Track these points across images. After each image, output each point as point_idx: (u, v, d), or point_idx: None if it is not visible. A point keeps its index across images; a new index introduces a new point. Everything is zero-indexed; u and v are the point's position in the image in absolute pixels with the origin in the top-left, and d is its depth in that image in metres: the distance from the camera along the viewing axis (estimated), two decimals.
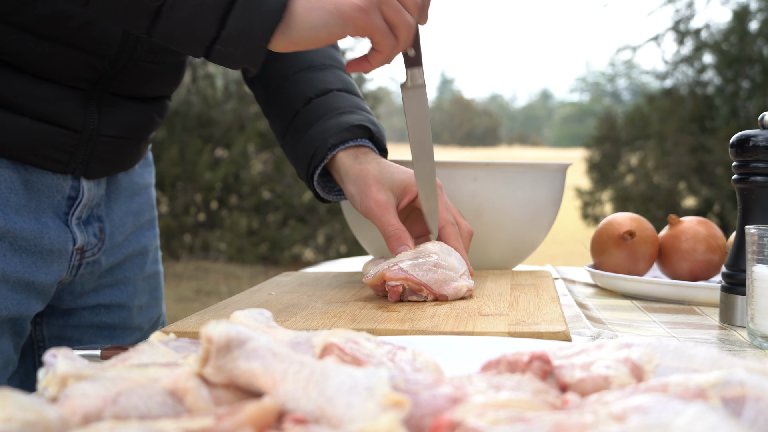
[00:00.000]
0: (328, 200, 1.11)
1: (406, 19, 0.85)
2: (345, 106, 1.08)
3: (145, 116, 1.07)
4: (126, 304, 1.14)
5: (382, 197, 0.99)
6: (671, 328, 0.90)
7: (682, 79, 10.38)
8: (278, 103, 1.12)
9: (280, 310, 0.87)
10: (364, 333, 0.55)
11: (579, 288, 1.20)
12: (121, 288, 1.14)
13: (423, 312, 0.84)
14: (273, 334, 0.56)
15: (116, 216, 1.11)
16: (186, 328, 0.78)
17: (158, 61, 1.03)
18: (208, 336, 0.45)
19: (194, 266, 7.87)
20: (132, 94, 1.04)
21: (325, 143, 1.04)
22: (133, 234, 1.15)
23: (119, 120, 1.03)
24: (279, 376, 0.44)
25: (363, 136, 1.06)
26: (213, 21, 0.78)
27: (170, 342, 0.55)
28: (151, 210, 1.20)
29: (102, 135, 1.01)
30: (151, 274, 1.20)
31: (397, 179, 1.01)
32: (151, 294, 1.19)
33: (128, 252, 1.14)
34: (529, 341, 0.67)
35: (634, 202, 9.96)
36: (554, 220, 1.26)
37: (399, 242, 0.97)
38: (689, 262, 1.16)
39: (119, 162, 1.07)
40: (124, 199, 1.13)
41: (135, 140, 1.07)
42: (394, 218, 0.99)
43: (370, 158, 1.03)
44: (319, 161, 1.04)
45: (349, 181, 1.02)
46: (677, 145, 9.81)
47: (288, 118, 1.10)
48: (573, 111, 72.18)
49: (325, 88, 1.10)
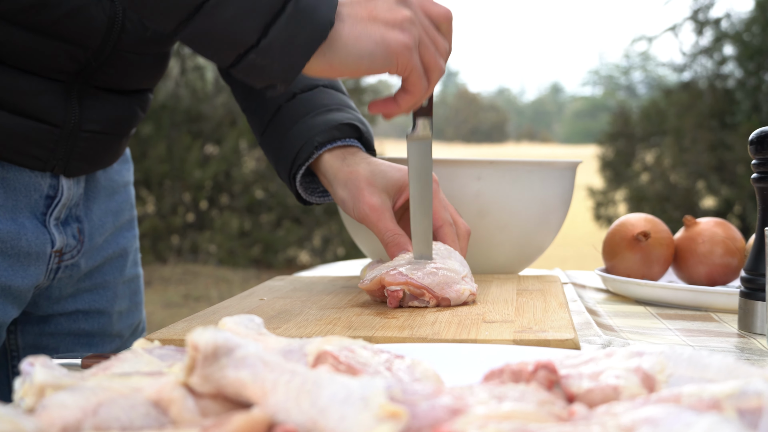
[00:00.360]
0: (311, 202, 1.11)
1: (439, 64, 0.86)
2: (332, 103, 1.08)
3: (128, 110, 1.07)
4: (106, 309, 1.14)
5: (376, 201, 0.99)
6: (687, 335, 0.90)
7: (701, 71, 10.39)
8: (259, 98, 1.12)
9: (272, 317, 0.87)
10: (360, 341, 0.55)
11: (589, 293, 1.20)
12: (100, 292, 1.14)
13: (423, 318, 0.84)
14: (264, 341, 0.56)
15: (95, 216, 1.11)
16: (172, 335, 0.79)
17: (143, 52, 1.03)
18: (195, 343, 0.45)
19: (182, 270, 7.87)
20: (114, 86, 1.04)
21: (311, 141, 1.04)
22: (112, 235, 1.15)
23: (101, 114, 1.03)
24: (269, 386, 0.44)
25: (351, 135, 1.06)
26: (256, 28, 0.75)
27: (154, 350, 0.55)
28: (131, 209, 1.20)
29: (83, 130, 1.01)
30: (132, 278, 1.20)
31: (391, 179, 1.01)
32: (131, 299, 1.20)
33: (108, 254, 1.14)
34: (535, 350, 0.67)
35: (650, 202, 9.97)
36: (563, 221, 1.26)
37: (399, 248, 0.97)
38: (706, 266, 1.16)
39: (100, 158, 1.07)
40: (103, 198, 1.13)
41: (117, 135, 1.07)
42: (391, 222, 0.99)
43: (359, 159, 1.03)
44: (303, 160, 1.04)
45: (338, 185, 1.02)
46: (695, 142, 9.81)
47: (269, 114, 1.10)
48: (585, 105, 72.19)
49: (311, 83, 1.10)
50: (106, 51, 0.98)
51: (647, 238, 1.16)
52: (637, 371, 0.50)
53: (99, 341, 1.14)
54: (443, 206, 1.02)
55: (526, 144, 62.92)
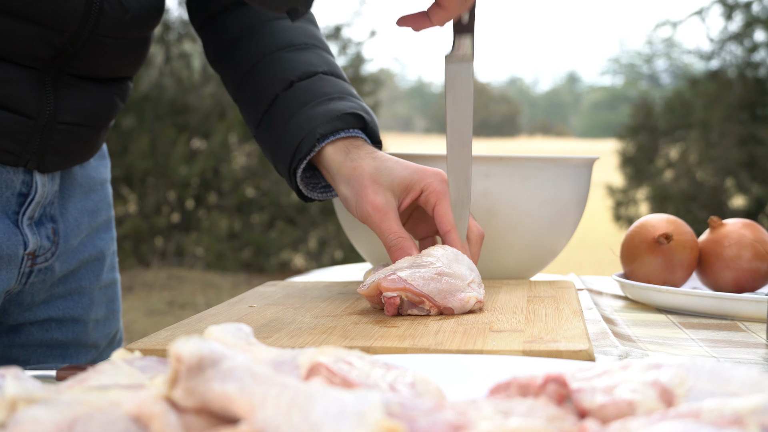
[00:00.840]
0: (313, 199, 1.11)
1: None
2: (333, 92, 1.08)
3: (106, 100, 1.07)
4: (81, 317, 1.15)
5: (380, 200, 0.99)
6: (711, 346, 0.90)
7: (730, 59, 10.38)
8: (253, 86, 1.12)
9: (262, 325, 0.87)
10: (356, 351, 0.56)
11: (607, 300, 1.21)
12: (75, 299, 1.14)
13: (426, 327, 0.85)
14: (253, 352, 0.57)
15: (71, 216, 1.12)
16: (154, 345, 0.79)
17: (122, 36, 1.03)
18: (178, 354, 0.46)
19: (167, 274, 7.88)
20: (92, 74, 1.04)
21: (312, 133, 1.04)
22: (88, 236, 1.16)
23: (78, 104, 1.03)
24: (257, 400, 0.44)
25: (355, 126, 1.06)
26: None
27: (135, 361, 0.55)
28: (108, 209, 1.21)
29: (59, 121, 1.02)
30: (109, 283, 1.20)
31: (397, 177, 1.01)
32: (108, 306, 1.20)
33: (84, 257, 1.15)
34: (546, 361, 0.67)
35: (674, 201, 9.97)
36: (578, 222, 1.26)
37: (402, 252, 0.97)
38: (733, 271, 1.16)
39: (77, 153, 1.08)
40: (79, 197, 1.13)
41: (95, 127, 1.07)
42: (395, 224, 0.99)
43: (364, 153, 1.03)
44: (304, 154, 1.04)
45: (341, 181, 1.02)
46: (724, 136, 9.81)
47: (265, 104, 1.10)
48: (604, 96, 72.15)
49: (310, 70, 1.09)
50: (83, 35, 0.99)
51: (669, 240, 1.17)
52: (655, 385, 0.50)
53: (73, 352, 1.14)
54: (451, 209, 1.01)
55: (540, 138, 62.94)
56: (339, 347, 0.55)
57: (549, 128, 71.71)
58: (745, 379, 0.50)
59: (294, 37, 1.12)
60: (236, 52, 1.13)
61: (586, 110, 78.82)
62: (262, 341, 0.79)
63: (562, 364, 0.66)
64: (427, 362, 0.67)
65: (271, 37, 1.12)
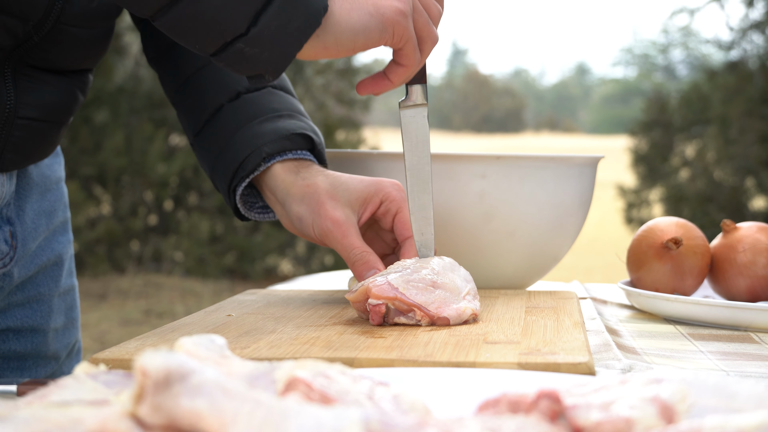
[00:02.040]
0: (249, 218, 1.14)
1: (432, 32, 0.90)
2: (282, 108, 1.10)
3: (68, 94, 1.08)
4: (40, 326, 1.15)
5: (340, 215, 1.02)
6: (721, 359, 0.91)
7: (751, 50, 10.41)
8: (195, 92, 1.14)
9: (240, 335, 0.88)
10: (338, 365, 0.56)
11: (611, 310, 1.21)
12: (34, 307, 1.15)
13: (416, 338, 0.85)
14: (227, 365, 0.57)
15: (28, 217, 1.12)
16: (123, 355, 0.80)
17: (87, 26, 1.04)
18: (144, 368, 0.46)
19: (143, 281, 7.87)
20: (53, 66, 1.05)
21: (258, 151, 1.06)
22: (46, 240, 1.16)
23: (39, 98, 1.04)
24: (228, 417, 0.45)
25: (304, 147, 1.09)
26: (246, 15, 0.79)
27: (100, 375, 0.56)
28: (65, 210, 1.22)
29: (19, 117, 1.02)
30: (67, 290, 1.21)
31: (354, 191, 1.03)
32: (67, 314, 1.21)
33: (42, 262, 1.15)
34: (542, 375, 0.68)
35: (690, 203, 9.99)
36: (581, 227, 1.27)
37: (367, 266, 1.00)
38: (747, 278, 1.17)
39: (36, 150, 1.08)
40: (36, 197, 1.14)
41: (56, 123, 1.08)
42: (357, 239, 1.01)
43: (315, 171, 1.06)
44: (248, 172, 1.07)
45: (293, 201, 1.05)
46: (744, 132, 9.83)
47: (208, 113, 1.12)
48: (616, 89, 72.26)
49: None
50: (47, 24, 0.99)
51: (678, 245, 1.17)
52: (655, 401, 0.51)
53: (32, 364, 1.15)
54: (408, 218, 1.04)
55: (547, 134, 63.05)
56: (320, 359, 0.56)
57: (556, 123, 71.82)
58: (751, 394, 0.51)
59: None
60: (180, 51, 1.15)
61: (596, 104, 78.93)
62: (239, 352, 0.80)
63: (559, 378, 0.67)
64: (414, 375, 0.67)
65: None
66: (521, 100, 77.05)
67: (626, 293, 1.20)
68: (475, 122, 69.55)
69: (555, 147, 38.88)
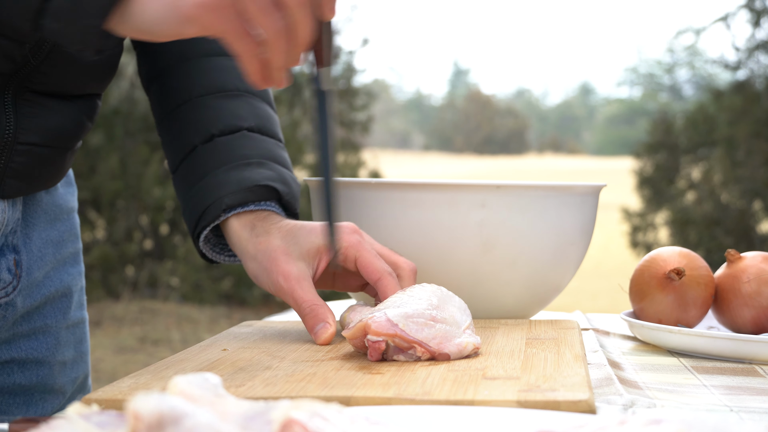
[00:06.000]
0: (217, 262, 1.16)
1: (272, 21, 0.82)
2: (253, 155, 1.11)
3: (72, 119, 1.08)
4: (46, 359, 1.15)
5: (292, 269, 1.03)
6: (726, 394, 0.91)
7: (758, 69, 10.45)
8: (175, 129, 1.16)
9: (235, 372, 0.88)
10: (335, 405, 0.57)
11: (614, 341, 1.21)
12: (40, 339, 1.15)
13: (414, 374, 0.86)
14: (221, 405, 0.58)
15: (35, 246, 1.12)
16: (115, 395, 0.80)
17: None
18: (136, 412, 0.47)
19: (138, 307, 7.87)
20: (56, 91, 1.05)
21: (219, 202, 1.08)
22: (54, 270, 1.16)
23: (41, 124, 1.04)
24: None
25: (268, 198, 1.10)
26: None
27: (92, 416, 0.56)
28: (75, 241, 1.22)
29: (20, 143, 1.02)
30: (76, 322, 1.21)
31: (306, 243, 1.04)
32: (76, 347, 1.21)
33: (49, 293, 1.15)
34: (540, 414, 0.68)
35: (697, 226, 9.99)
36: (584, 256, 1.27)
37: (316, 319, 1.01)
38: (752, 309, 1.17)
39: (40, 177, 1.08)
40: (44, 226, 1.14)
41: (60, 149, 1.08)
42: (307, 292, 1.02)
43: (270, 226, 1.07)
44: (209, 222, 1.09)
45: (247, 258, 1.07)
46: (751, 154, 9.85)
47: (183, 152, 1.14)
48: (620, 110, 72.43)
49: (234, 124, 1.13)
50: (46, 47, 1.00)
51: (681, 276, 1.18)
52: None
53: (38, 398, 1.15)
54: (375, 256, 1.04)
55: (550, 155, 63.12)
56: (317, 398, 0.56)
57: (560, 144, 71.93)
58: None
59: (227, 80, 1.15)
60: (165, 82, 1.17)
61: (600, 125, 79.10)
62: (234, 390, 0.80)
63: (558, 417, 0.67)
64: (411, 414, 0.68)
65: (204, 76, 1.15)
66: (524, 120, 77.24)
67: (629, 324, 1.20)
68: (477, 143, 69.66)
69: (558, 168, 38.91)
